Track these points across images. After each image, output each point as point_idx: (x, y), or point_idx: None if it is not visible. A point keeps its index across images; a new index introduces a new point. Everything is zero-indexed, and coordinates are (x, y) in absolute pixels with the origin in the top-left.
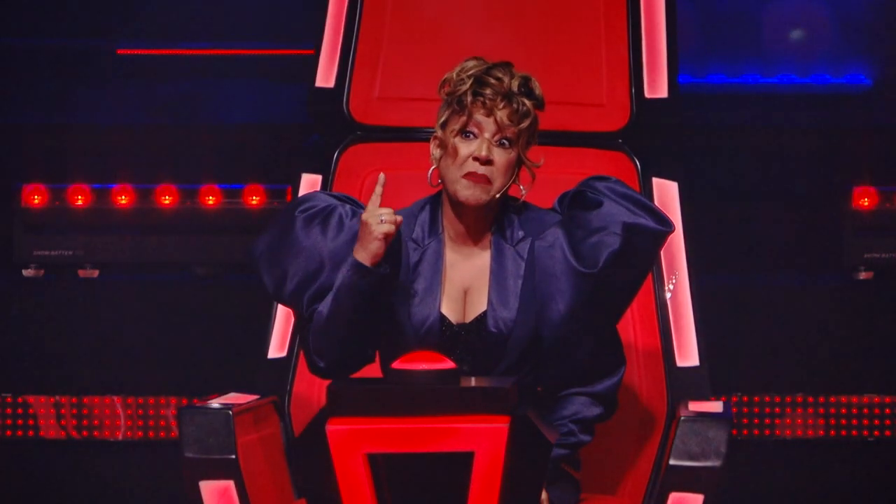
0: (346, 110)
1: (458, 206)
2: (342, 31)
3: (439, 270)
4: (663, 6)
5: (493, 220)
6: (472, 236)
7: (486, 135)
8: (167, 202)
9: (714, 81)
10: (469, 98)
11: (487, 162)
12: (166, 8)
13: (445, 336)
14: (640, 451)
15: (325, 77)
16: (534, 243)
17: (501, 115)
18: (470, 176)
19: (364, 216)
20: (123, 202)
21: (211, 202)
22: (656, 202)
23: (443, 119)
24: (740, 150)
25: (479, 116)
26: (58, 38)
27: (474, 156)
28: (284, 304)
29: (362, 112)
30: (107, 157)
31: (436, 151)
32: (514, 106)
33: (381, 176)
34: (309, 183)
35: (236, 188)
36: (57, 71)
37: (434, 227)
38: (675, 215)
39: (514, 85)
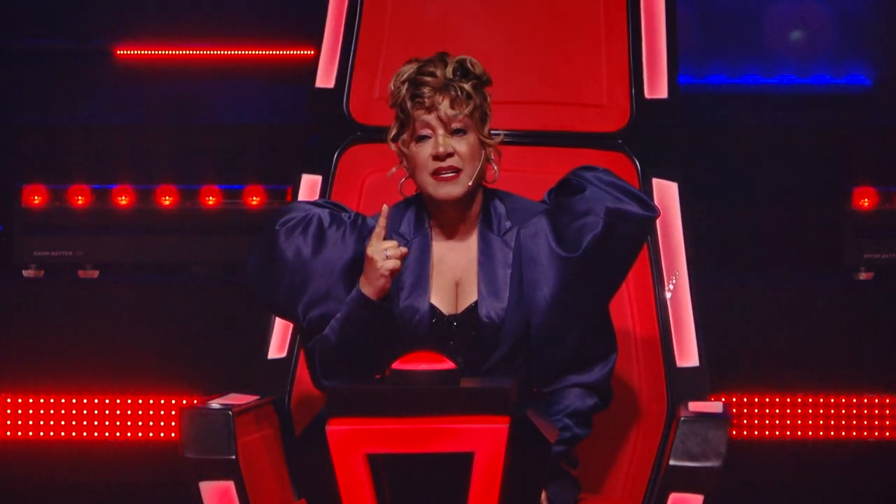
0: (346, 111)
1: (439, 204)
2: (342, 31)
3: (427, 263)
4: (663, 6)
5: (480, 212)
6: (459, 229)
7: (439, 131)
8: (167, 202)
9: (714, 82)
10: (409, 103)
11: (448, 156)
12: (166, 9)
13: (437, 328)
14: (640, 451)
15: (325, 77)
16: (519, 232)
17: (443, 107)
18: (437, 174)
19: (369, 251)
20: (123, 202)
21: (211, 202)
22: (656, 202)
23: (394, 132)
24: (740, 150)
25: (424, 117)
26: (58, 39)
27: (433, 155)
28: (282, 317)
29: (362, 112)
30: (107, 157)
31: (402, 162)
32: (453, 94)
33: (385, 208)
34: (309, 183)
35: (236, 188)
36: (57, 72)
37: (420, 223)
38: (675, 215)
39: (449, 73)
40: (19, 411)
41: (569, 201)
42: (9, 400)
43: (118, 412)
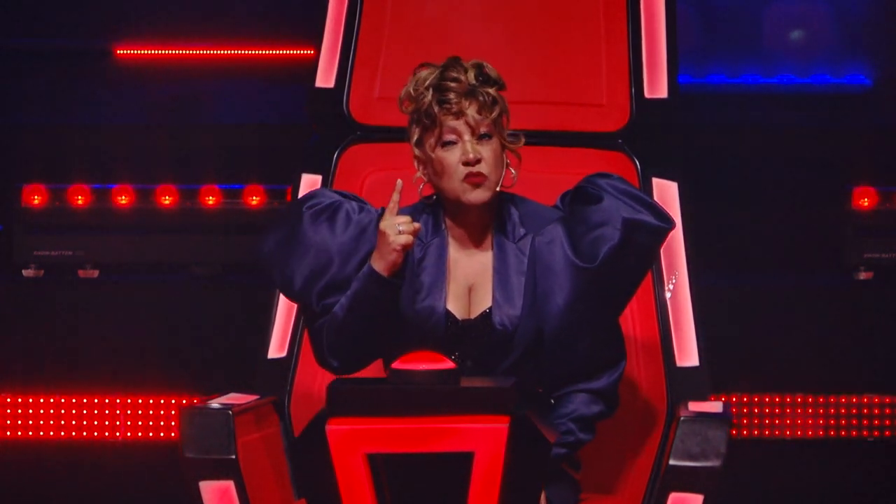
0: (345, 110)
1: (460, 209)
2: (342, 31)
3: (443, 266)
4: (663, 6)
5: (494, 218)
6: (475, 235)
7: (466, 136)
8: (167, 202)
9: (714, 81)
10: (435, 108)
11: (478, 161)
12: (166, 9)
13: (450, 332)
14: (640, 451)
15: (325, 77)
16: (534, 239)
17: (471, 112)
18: (468, 179)
19: (382, 226)
20: (123, 202)
21: (211, 202)
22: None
23: (416, 137)
24: (740, 150)
25: (451, 122)
26: (58, 38)
27: (463, 161)
28: (294, 300)
29: (362, 112)
30: (107, 157)
31: (421, 168)
32: (480, 99)
33: (399, 182)
34: (309, 183)
35: (236, 188)
36: (57, 71)
37: (437, 226)
38: (675, 215)
39: (472, 78)
40: (19, 411)
41: (585, 210)
42: (9, 400)
43: (118, 412)
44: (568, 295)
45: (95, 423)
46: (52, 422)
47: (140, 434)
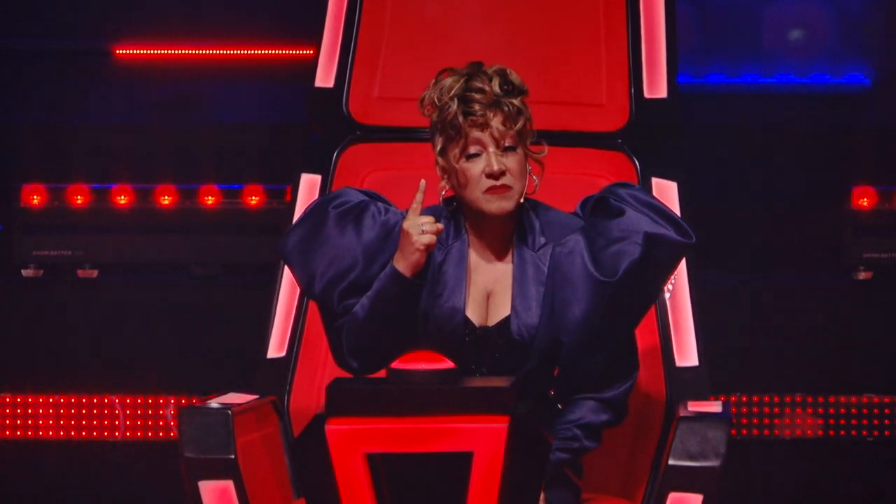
0: (345, 110)
1: (482, 218)
2: (342, 31)
3: (463, 271)
4: (663, 6)
5: (515, 226)
6: (496, 243)
7: (490, 148)
8: (166, 202)
9: (714, 81)
10: (460, 119)
11: (502, 174)
12: (166, 9)
13: (468, 338)
14: (640, 451)
15: (325, 77)
16: (554, 249)
17: (496, 124)
18: (491, 191)
19: (405, 225)
20: (123, 202)
21: (210, 202)
22: None
23: (440, 146)
24: (740, 150)
25: (476, 134)
26: (58, 38)
27: (487, 173)
28: (315, 299)
29: (362, 112)
30: (107, 157)
31: (444, 177)
32: (506, 110)
33: (422, 182)
34: (309, 183)
35: (235, 188)
36: (57, 71)
37: (458, 230)
38: None
39: (496, 87)
40: (19, 411)
41: (606, 223)
42: (8, 400)
43: (118, 412)
44: (586, 307)
45: (95, 423)
46: (51, 422)
47: (140, 434)
